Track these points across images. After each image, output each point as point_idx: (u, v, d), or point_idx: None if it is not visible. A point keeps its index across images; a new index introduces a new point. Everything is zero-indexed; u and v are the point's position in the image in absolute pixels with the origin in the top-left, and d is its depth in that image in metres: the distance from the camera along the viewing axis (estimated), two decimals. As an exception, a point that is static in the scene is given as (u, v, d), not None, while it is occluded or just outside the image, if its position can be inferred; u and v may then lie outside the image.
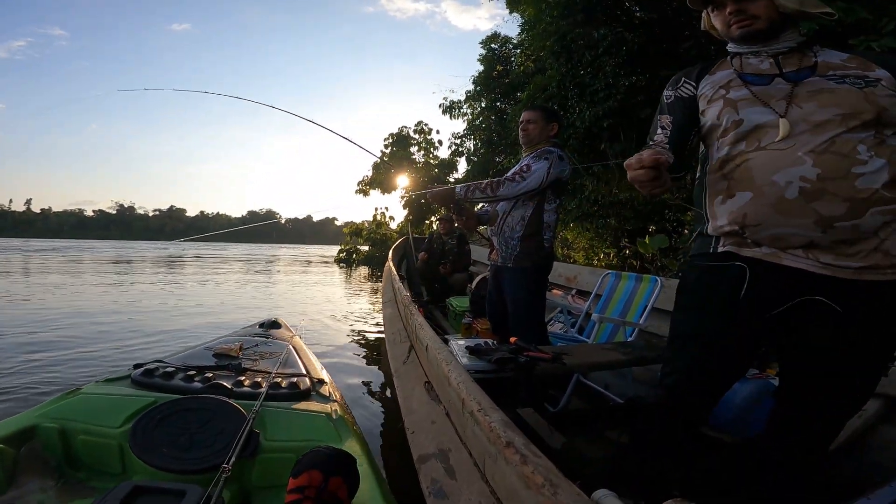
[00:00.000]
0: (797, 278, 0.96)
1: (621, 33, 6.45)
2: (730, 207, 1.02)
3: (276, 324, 2.74)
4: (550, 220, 2.18)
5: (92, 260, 18.43)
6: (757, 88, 1.01)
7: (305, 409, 1.54)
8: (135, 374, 1.63)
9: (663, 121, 1.17)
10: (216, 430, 1.35)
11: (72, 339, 4.39)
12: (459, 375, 0.92)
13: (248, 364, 1.90)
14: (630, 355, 1.82)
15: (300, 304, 7.77)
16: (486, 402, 0.77)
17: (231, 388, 1.59)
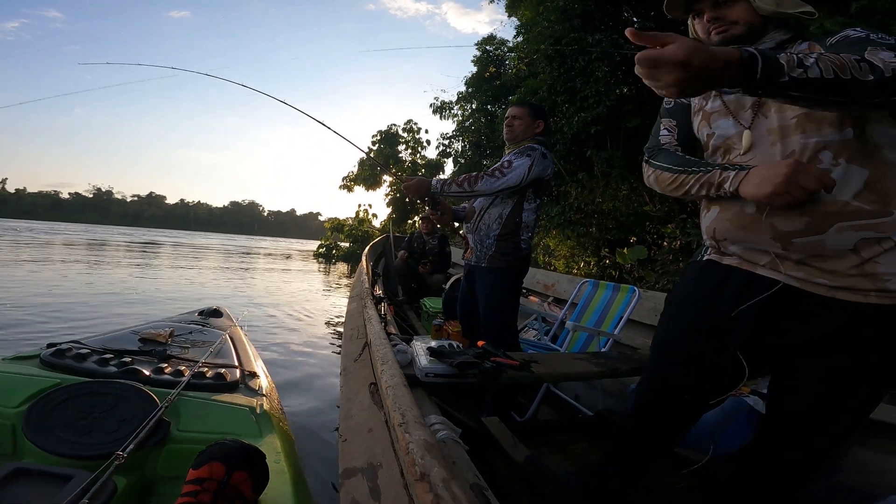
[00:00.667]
0: (772, 287, 0.91)
1: (615, 40, 6.44)
2: (705, 221, 1.03)
3: (217, 312, 2.64)
4: (529, 220, 2.09)
5: (61, 242, 17.82)
6: (729, 98, 0.98)
7: (227, 402, 1.48)
8: (44, 354, 1.55)
9: (667, 124, 1.15)
10: (121, 416, 1.29)
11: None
12: (392, 378, 0.78)
13: (175, 351, 1.83)
14: (602, 367, 1.71)
15: (261, 295, 7.60)
16: (412, 415, 0.63)
17: (149, 374, 1.52)
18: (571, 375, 1.74)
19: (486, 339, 2.00)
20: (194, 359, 1.76)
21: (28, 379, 1.38)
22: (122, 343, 1.82)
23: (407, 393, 0.74)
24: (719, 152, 0.99)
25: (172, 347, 1.88)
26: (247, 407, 1.46)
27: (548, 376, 1.68)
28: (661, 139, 1.13)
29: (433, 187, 2.02)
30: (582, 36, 6.77)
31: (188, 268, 11.10)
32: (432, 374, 1.46)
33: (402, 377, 0.82)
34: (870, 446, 1.58)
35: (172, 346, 1.91)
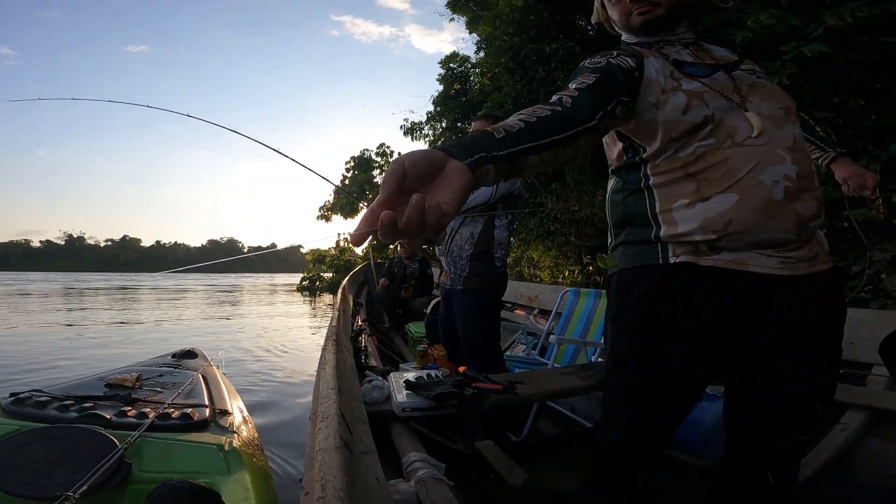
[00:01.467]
0: (757, 284, 0.87)
1: (572, 48, 6.56)
2: (704, 213, 0.86)
3: (191, 353, 2.64)
4: (502, 237, 2.03)
5: (39, 292, 17.30)
6: (706, 80, 0.91)
7: (193, 441, 1.47)
8: (4, 403, 1.58)
9: (582, 78, 0.84)
10: (81, 459, 1.30)
11: None
12: (326, 438, 0.69)
13: (143, 395, 1.83)
14: (591, 379, 1.64)
15: (244, 334, 7.47)
16: (334, 484, 0.54)
17: (110, 418, 1.53)
18: (560, 392, 1.66)
19: (468, 362, 1.91)
20: (162, 401, 1.75)
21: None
22: (87, 389, 1.83)
23: (337, 457, 0.64)
24: (718, 136, 0.87)
25: (140, 391, 1.88)
26: (214, 445, 1.45)
27: (535, 396, 1.59)
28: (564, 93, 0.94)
29: None
30: (539, 47, 6.85)
31: (168, 311, 10.82)
32: (409, 409, 1.39)
33: (337, 437, 0.72)
34: (885, 437, 1.53)
35: (141, 389, 1.91)
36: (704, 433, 1.60)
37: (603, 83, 0.83)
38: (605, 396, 1.03)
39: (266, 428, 2.82)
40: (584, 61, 0.94)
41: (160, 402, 1.72)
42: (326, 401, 0.92)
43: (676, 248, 0.90)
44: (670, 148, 0.91)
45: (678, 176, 0.90)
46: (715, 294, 0.88)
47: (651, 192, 0.94)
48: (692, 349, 0.90)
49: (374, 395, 1.50)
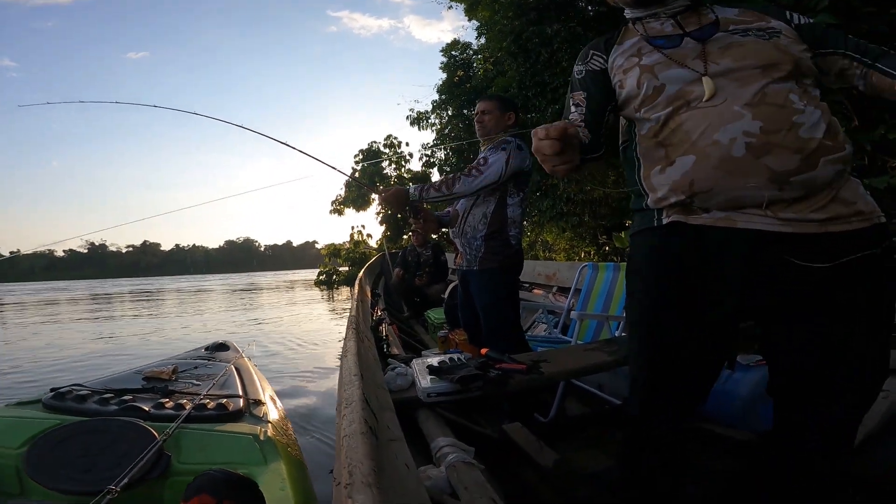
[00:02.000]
0: (757, 241, 0.86)
1: (574, 28, 6.42)
2: (671, 176, 0.92)
3: (223, 346, 2.67)
4: (515, 214, 2.00)
5: (68, 299, 17.85)
6: (668, 51, 0.97)
7: (229, 431, 1.48)
8: (46, 398, 1.59)
9: (576, 98, 1.09)
10: (121, 452, 1.30)
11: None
12: (350, 425, 0.68)
13: (179, 387, 1.85)
14: (616, 354, 1.61)
15: (268, 328, 7.58)
16: (362, 471, 0.52)
17: (149, 410, 1.54)
18: (585, 369, 1.63)
19: (489, 343, 1.89)
20: (197, 392, 1.76)
21: (28, 421, 1.43)
22: (125, 383, 1.86)
23: (363, 443, 0.62)
24: (675, 104, 0.93)
25: (176, 383, 1.91)
26: (250, 435, 1.45)
27: (560, 374, 1.57)
28: (571, 118, 1.07)
29: (411, 195, 1.94)
30: (541, 29, 6.79)
31: (194, 311, 11.05)
32: (434, 394, 1.37)
33: (362, 423, 0.71)
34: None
35: (177, 382, 1.94)
36: (740, 405, 1.56)
37: (592, 107, 1.05)
38: (629, 365, 1.07)
39: (297, 417, 2.87)
40: (574, 67, 1.13)
41: (196, 394, 1.73)
42: (350, 387, 0.91)
43: (668, 210, 0.95)
44: (640, 120, 0.99)
45: (652, 144, 0.97)
46: (711, 252, 0.90)
47: (638, 161, 1.02)
48: (696, 309, 0.92)
49: (399, 382, 1.49)
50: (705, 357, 0.96)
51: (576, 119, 1.05)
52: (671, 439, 1.00)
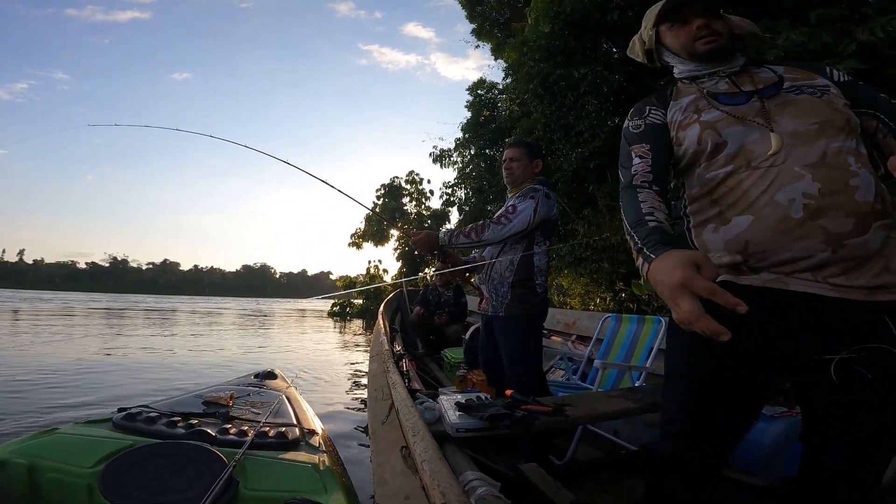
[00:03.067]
0: (806, 304, 0.86)
1: (601, 72, 6.61)
2: (726, 235, 0.92)
3: (271, 374, 2.74)
4: (541, 263, 2.06)
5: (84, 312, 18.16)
6: (731, 108, 0.97)
7: (291, 460, 1.51)
8: (116, 418, 1.63)
9: (639, 150, 1.04)
10: (193, 476, 1.33)
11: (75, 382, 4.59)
12: (426, 451, 0.75)
13: (237, 413, 1.89)
14: (640, 402, 1.65)
15: (296, 356, 7.71)
16: (453, 492, 0.59)
17: (215, 435, 1.57)
18: (609, 415, 1.67)
19: (512, 387, 1.94)
20: (256, 419, 1.81)
21: (102, 441, 1.46)
22: (188, 406, 1.91)
23: (444, 467, 0.70)
24: (735, 162, 0.92)
25: (234, 409, 1.95)
26: (309, 464, 1.49)
27: (584, 418, 1.62)
28: (635, 169, 1.02)
29: (441, 240, 2.00)
30: (568, 72, 6.91)
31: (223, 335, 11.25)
32: (463, 430, 1.42)
33: (437, 450, 0.78)
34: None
35: (234, 407, 1.98)
36: (764, 452, 1.61)
37: (657, 158, 1.00)
38: (662, 410, 1.08)
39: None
40: (627, 122, 1.10)
41: (254, 421, 1.77)
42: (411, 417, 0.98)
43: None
44: (695, 177, 0.99)
45: (705, 203, 0.97)
46: (759, 314, 0.86)
47: (688, 218, 1.02)
48: (736, 367, 0.92)
49: (427, 416, 1.55)
50: (742, 412, 0.97)
51: (640, 169, 1.00)
52: (702, 485, 1.00)
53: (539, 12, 7.49)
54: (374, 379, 2.16)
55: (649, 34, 1.15)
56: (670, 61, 1.13)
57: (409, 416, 1.00)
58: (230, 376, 2.99)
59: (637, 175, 1.00)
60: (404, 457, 1.11)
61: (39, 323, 12.22)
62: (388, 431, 1.37)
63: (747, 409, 0.98)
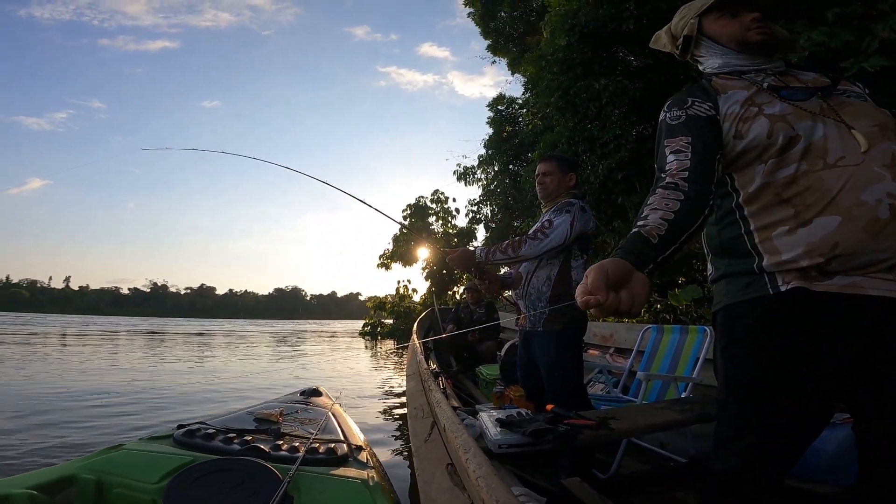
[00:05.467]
0: (881, 308, 0.83)
1: (621, 82, 6.57)
2: (807, 237, 0.86)
3: (316, 392, 2.80)
4: (579, 277, 2.03)
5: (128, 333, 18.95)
6: (797, 102, 0.92)
7: (341, 476, 1.54)
8: (177, 434, 1.68)
9: (676, 144, 0.94)
10: (250, 491, 1.36)
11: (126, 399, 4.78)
12: (479, 468, 0.75)
13: (287, 429, 1.94)
14: (690, 413, 1.60)
15: (335, 374, 7.86)
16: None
17: (268, 451, 1.61)
18: (656, 427, 1.64)
19: (553, 402, 1.91)
20: (305, 435, 1.85)
21: (165, 457, 1.51)
22: (241, 423, 1.96)
23: (500, 483, 0.70)
24: (808, 158, 0.88)
25: (284, 426, 1.99)
26: (359, 480, 1.52)
27: (630, 431, 1.58)
28: (668, 167, 0.92)
29: (478, 257, 2.01)
30: (588, 84, 6.88)
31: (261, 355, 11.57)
32: (506, 446, 1.41)
33: (490, 465, 0.78)
34: None
35: (284, 424, 2.03)
36: (826, 460, 1.55)
37: (700, 151, 0.91)
38: (720, 425, 1.01)
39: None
40: (664, 115, 1.02)
41: (304, 437, 1.82)
42: (460, 435, 0.99)
43: (786, 275, 0.89)
44: (760, 174, 0.92)
45: (773, 202, 0.91)
46: (832, 320, 0.85)
47: (746, 221, 0.94)
48: (809, 378, 0.87)
49: (468, 432, 1.54)
50: (813, 423, 0.93)
51: (673, 168, 0.91)
52: (767, 499, 0.96)
53: (554, 25, 7.54)
54: (413, 397, 2.17)
55: (690, 23, 1.12)
56: (707, 53, 1.10)
57: (457, 433, 1.00)
58: (273, 394, 3.06)
59: (666, 175, 0.91)
60: (450, 474, 1.11)
61: (90, 345, 12.77)
62: (431, 449, 1.37)
63: (819, 420, 0.94)
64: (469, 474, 0.77)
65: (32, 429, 3.51)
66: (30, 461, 2.75)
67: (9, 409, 4.19)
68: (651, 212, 0.84)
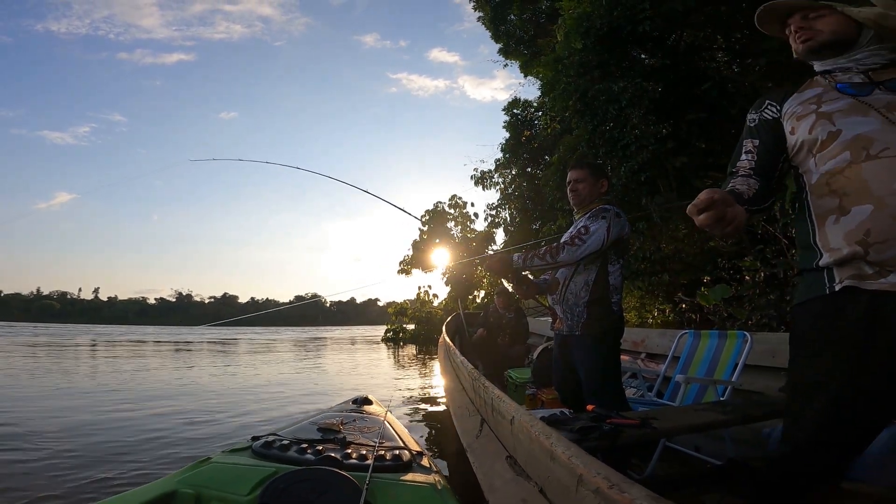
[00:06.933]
0: None
1: (640, 84, 6.54)
2: (846, 226, 0.92)
3: (367, 400, 2.86)
4: (616, 282, 2.09)
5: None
6: (854, 99, 0.98)
7: (411, 481, 1.59)
8: (255, 446, 1.76)
9: (748, 145, 1.13)
10: (333, 500, 1.41)
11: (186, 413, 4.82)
12: (568, 448, 0.83)
13: (351, 437, 1.98)
14: (731, 414, 1.64)
15: (369, 380, 7.97)
16: (617, 476, 0.67)
17: (341, 459, 1.67)
18: (698, 427, 1.68)
19: (593, 404, 1.96)
20: (369, 443, 1.90)
21: (250, 469, 1.58)
22: (307, 433, 2.01)
23: (594, 458, 0.78)
24: (851, 151, 0.92)
25: (347, 434, 2.04)
26: (428, 484, 1.56)
27: (672, 430, 1.63)
28: (740, 164, 1.12)
29: (515, 263, 2.05)
30: (606, 86, 6.85)
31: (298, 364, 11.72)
32: (554, 444, 1.47)
33: (576, 444, 0.86)
34: None
35: (346, 433, 2.07)
36: (871, 461, 1.54)
37: (763, 154, 1.10)
38: (792, 426, 1.05)
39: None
40: (747, 116, 1.17)
41: (369, 445, 1.86)
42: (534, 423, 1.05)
43: (840, 272, 0.94)
44: (814, 168, 0.99)
45: (824, 193, 0.97)
46: (885, 319, 0.87)
47: (811, 213, 1.01)
48: (866, 378, 0.90)
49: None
50: (879, 422, 0.96)
51: (744, 165, 1.11)
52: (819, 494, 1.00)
53: (568, 28, 7.51)
54: (454, 397, 2.25)
55: None
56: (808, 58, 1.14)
57: (532, 422, 1.07)
58: (316, 400, 3.13)
59: (740, 169, 1.11)
60: (510, 465, 1.18)
61: (122, 356, 13.08)
62: (484, 444, 1.45)
63: (883, 420, 0.97)
64: (556, 456, 0.85)
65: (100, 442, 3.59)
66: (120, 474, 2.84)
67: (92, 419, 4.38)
68: (739, 184, 1.06)
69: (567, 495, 0.80)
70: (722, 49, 7.12)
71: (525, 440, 1.08)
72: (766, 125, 1.11)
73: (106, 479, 2.73)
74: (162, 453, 3.31)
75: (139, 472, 2.84)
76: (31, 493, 2.50)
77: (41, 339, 21.77)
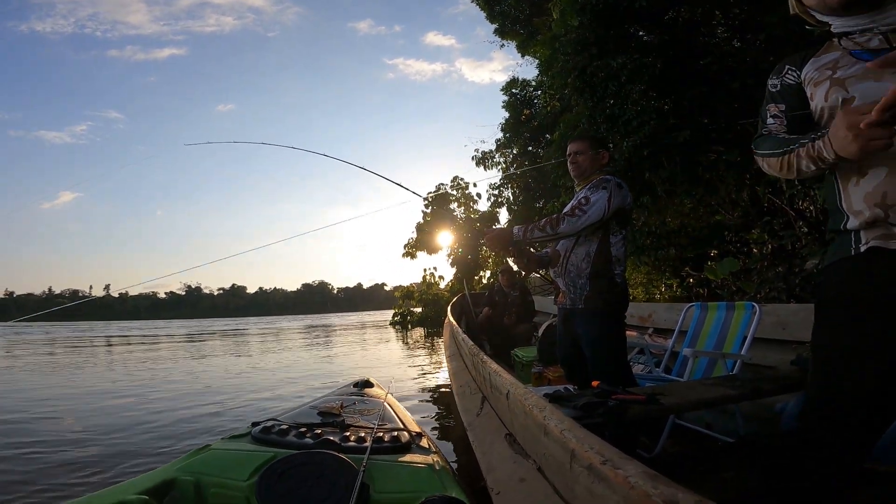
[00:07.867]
0: None
1: (638, 59, 6.41)
2: (864, 188, 0.92)
3: (368, 383, 2.88)
4: (619, 253, 2.03)
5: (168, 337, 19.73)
6: (867, 63, 0.95)
7: (409, 462, 1.59)
8: (254, 432, 1.77)
9: (773, 110, 1.12)
10: (329, 482, 1.42)
11: (188, 400, 5.03)
12: (561, 422, 0.78)
13: (350, 420, 2.00)
14: (741, 389, 1.59)
15: (377, 364, 8.03)
16: (611, 451, 0.62)
17: (339, 442, 1.68)
18: (707, 402, 1.63)
19: (598, 379, 1.92)
20: (368, 426, 1.90)
21: (249, 454, 1.60)
22: (306, 417, 2.03)
23: (588, 432, 0.73)
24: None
25: (346, 417, 2.06)
26: (426, 465, 1.57)
27: (680, 406, 1.58)
28: (768, 127, 1.12)
29: (515, 236, 2.00)
30: (605, 63, 6.75)
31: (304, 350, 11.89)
32: (557, 421, 1.43)
33: (572, 419, 0.81)
34: None
35: (346, 415, 2.09)
36: (887, 438, 1.46)
37: (790, 119, 1.08)
38: (809, 390, 1.04)
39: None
40: (767, 81, 1.15)
41: (368, 427, 1.87)
42: (528, 396, 1.01)
43: (866, 234, 0.93)
44: None
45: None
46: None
47: (834, 175, 1.02)
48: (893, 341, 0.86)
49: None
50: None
51: (777, 126, 1.10)
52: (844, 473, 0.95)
53: (564, 5, 7.39)
54: (457, 376, 2.22)
55: (790, 1, 1.12)
56: (822, 19, 1.08)
57: (526, 395, 1.03)
58: (321, 384, 3.15)
59: (771, 131, 1.10)
60: (509, 443, 1.14)
61: (137, 350, 13.38)
62: (485, 422, 1.41)
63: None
64: (549, 431, 0.80)
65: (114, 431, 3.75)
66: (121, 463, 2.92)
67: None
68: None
69: (562, 473, 0.75)
70: (721, 24, 6.96)
71: (521, 415, 1.05)
72: (790, 90, 1.09)
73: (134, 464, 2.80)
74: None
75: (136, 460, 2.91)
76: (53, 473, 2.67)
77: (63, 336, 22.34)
